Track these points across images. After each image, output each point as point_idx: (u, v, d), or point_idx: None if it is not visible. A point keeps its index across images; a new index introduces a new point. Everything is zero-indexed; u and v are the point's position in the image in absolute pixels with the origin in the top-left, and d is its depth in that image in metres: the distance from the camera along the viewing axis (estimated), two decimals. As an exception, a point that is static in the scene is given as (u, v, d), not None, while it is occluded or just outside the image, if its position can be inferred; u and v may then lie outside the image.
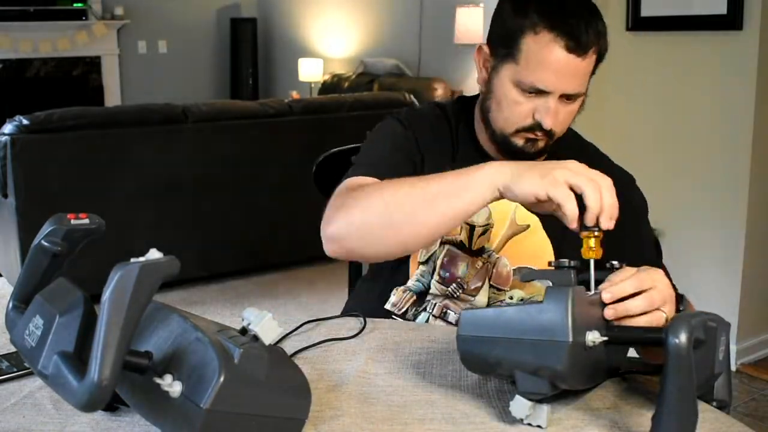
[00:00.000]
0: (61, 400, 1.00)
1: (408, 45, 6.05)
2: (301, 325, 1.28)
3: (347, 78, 6.10)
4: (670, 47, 3.08)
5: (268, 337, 0.84)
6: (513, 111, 1.26)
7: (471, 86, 5.47)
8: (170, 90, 7.17)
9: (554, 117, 1.24)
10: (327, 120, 3.93)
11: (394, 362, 1.15)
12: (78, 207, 1.10)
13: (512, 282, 1.33)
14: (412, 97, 4.44)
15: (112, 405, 0.97)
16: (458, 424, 0.97)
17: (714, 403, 1.01)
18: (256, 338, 0.84)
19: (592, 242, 1.00)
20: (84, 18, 7.07)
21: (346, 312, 1.39)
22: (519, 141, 1.29)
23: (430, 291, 1.35)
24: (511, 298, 1.34)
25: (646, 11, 3.11)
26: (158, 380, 0.78)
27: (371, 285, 1.44)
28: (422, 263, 1.35)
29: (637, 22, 3.14)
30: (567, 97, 1.25)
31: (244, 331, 0.85)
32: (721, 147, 2.95)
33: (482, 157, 1.33)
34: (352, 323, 1.28)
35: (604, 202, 0.99)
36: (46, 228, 0.96)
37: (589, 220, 0.99)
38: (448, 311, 1.34)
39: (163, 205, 3.78)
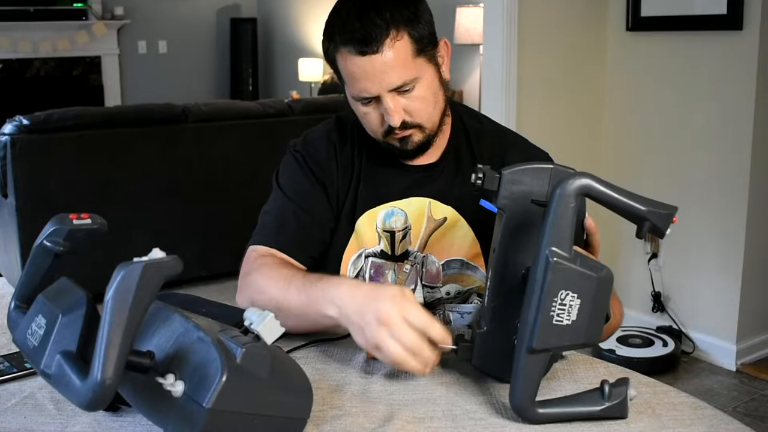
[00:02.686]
0: (62, 400, 1.00)
1: (408, 45, 6.04)
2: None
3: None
4: (670, 47, 3.08)
5: (270, 336, 0.84)
6: (368, 123, 1.30)
7: (471, 86, 5.47)
8: (170, 90, 7.16)
9: (397, 113, 1.25)
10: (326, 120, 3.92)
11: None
12: (78, 207, 1.10)
13: (444, 277, 1.35)
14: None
15: (114, 405, 0.97)
16: (458, 420, 0.97)
17: None
18: (258, 338, 0.84)
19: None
20: (84, 18, 7.06)
21: None
22: (394, 142, 1.31)
23: None
24: (448, 293, 1.35)
25: (646, 11, 3.11)
26: (160, 380, 0.79)
27: None
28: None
29: (637, 22, 3.14)
30: (398, 91, 1.25)
31: (246, 330, 0.85)
32: (721, 147, 2.95)
33: (388, 158, 1.36)
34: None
35: (404, 341, 1.00)
36: (49, 228, 0.96)
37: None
38: None
39: (163, 205, 3.78)
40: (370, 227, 1.35)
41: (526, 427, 0.95)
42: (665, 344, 3.02)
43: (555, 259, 0.89)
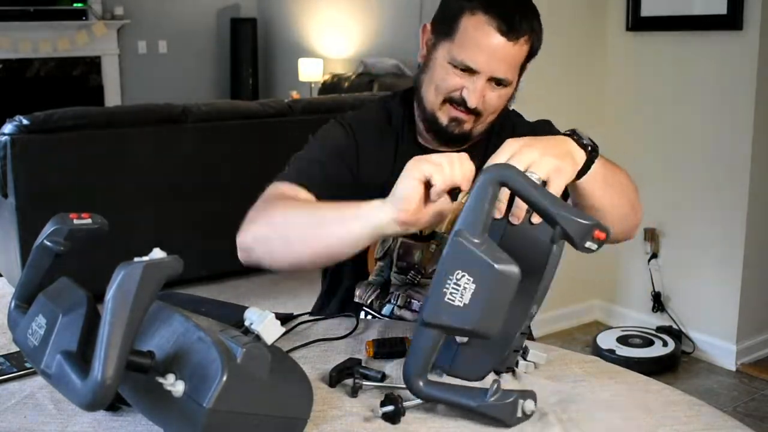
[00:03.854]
0: (62, 400, 1.00)
1: (408, 45, 6.04)
2: (297, 325, 1.29)
3: (347, 78, 6.09)
4: (670, 47, 3.08)
5: (270, 336, 0.84)
6: (443, 81, 1.31)
7: (471, 86, 5.47)
8: (170, 90, 7.16)
9: (479, 97, 1.28)
10: (327, 120, 3.91)
11: (393, 361, 1.15)
12: (78, 207, 1.10)
13: None
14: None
15: (114, 405, 0.97)
16: (459, 420, 0.97)
17: None
18: (258, 338, 0.84)
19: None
20: (84, 18, 7.06)
21: (317, 311, 1.46)
22: (444, 119, 1.33)
23: (392, 282, 1.40)
24: None
25: (646, 11, 3.11)
26: (161, 380, 0.79)
27: (336, 282, 1.48)
28: (379, 259, 1.40)
29: (637, 22, 3.14)
30: (496, 82, 1.30)
31: (246, 330, 0.85)
32: (721, 147, 2.96)
33: (422, 151, 1.35)
34: (349, 323, 1.29)
35: (454, 174, 1.03)
36: (49, 228, 0.96)
37: (434, 194, 1.04)
38: (412, 300, 1.39)
39: (163, 205, 3.78)
40: None
41: (528, 427, 0.95)
42: (665, 344, 3.02)
43: (459, 238, 0.91)
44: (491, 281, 0.89)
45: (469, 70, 1.28)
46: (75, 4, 7.06)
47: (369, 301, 1.42)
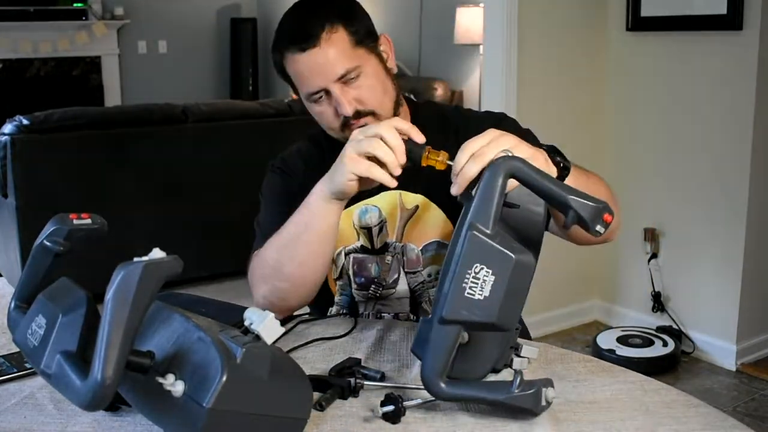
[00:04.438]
0: (62, 400, 1.00)
1: (408, 45, 6.05)
2: (296, 325, 1.29)
3: (347, 78, 6.09)
4: (670, 47, 3.08)
5: (270, 336, 0.84)
6: (325, 120, 1.36)
7: (471, 86, 5.47)
8: (170, 90, 7.16)
9: (349, 103, 1.31)
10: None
11: (393, 361, 1.15)
12: (78, 207, 1.10)
13: (424, 261, 1.41)
14: (412, 96, 4.44)
15: (114, 405, 0.97)
16: (459, 419, 0.97)
17: None
18: (258, 338, 0.84)
19: (433, 157, 1.12)
20: (84, 18, 7.06)
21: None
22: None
23: (356, 299, 1.43)
24: (430, 275, 1.41)
25: (646, 11, 3.11)
26: (161, 380, 0.79)
27: (314, 308, 1.52)
28: (337, 279, 1.43)
29: (637, 22, 3.14)
30: (344, 81, 1.31)
31: (246, 330, 0.85)
32: (721, 147, 2.96)
33: None
34: (348, 323, 1.29)
35: (392, 144, 1.12)
36: (49, 228, 0.96)
37: (392, 168, 1.12)
38: (382, 314, 1.42)
39: (163, 205, 3.78)
40: (348, 226, 1.41)
41: (526, 426, 0.95)
42: (665, 344, 3.02)
43: (473, 231, 0.91)
44: (510, 272, 0.90)
45: (319, 94, 1.32)
46: (75, 4, 7.06)
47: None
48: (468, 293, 0.91)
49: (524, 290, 0.92)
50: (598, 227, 0.93)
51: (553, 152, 1.18)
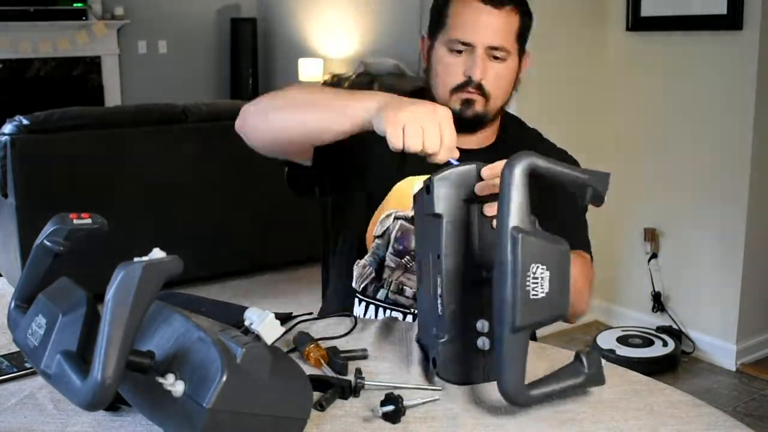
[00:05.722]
0: (62, 400, 1.00)
1: (408, 45, 6.04)
2: (296, 324, 1.29)
3: (347, 78, 6.09)
4: (670, 47, 3.08)
5: (270, 336, 0.84)
6: (447, 71, 1.38)
7: (471, 86, 5.46)
8: (170, 90, 7.15)
9: (482, 69, 1.35)
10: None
11: (393, 361, 1.15)
12: (78, 207, 1.10)
13: None
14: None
15: (114, 405, 0.97)
16: (459, 419, 0.97)
17: None
18: (258, 338, 0.84)
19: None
20: (84, 18, 7.06)
21: (324, 301, 1.53)
22: (456, 105, 1.38)
23: (386, 264, 1.42)
24: None
25: (646, 11, 3.11)
26: (161, 380, 0.79)
27: (339, 264, 1.52)
28: (377, 237, 1.43)
29: (637, 22, 3.14)
30: (494, 56, 1.36)
31: (246, 330, 0.85)
32: (721, 147, 2.95)
33: None
34: (347, 323, 1.29)
35: (443, 137, 1.12)
36: (49, 227, 0.96)
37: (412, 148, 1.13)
38: (404, 287, 1.41)
39: (163, 205, 3.78)
40: (409, 192, 1.38)
41: (527, 426, 0.95)
42: (665, 344, 3.02)
43: (522, 234, 0.92)
44: (558, 262, 0.94)
45: (466, 47, 1.35)
46: (75, 4, 7.05)
47: (363, 286, 1.44)
48: (533, 295, 0.93)
49: (569, 274, 0.96)
50: (605, 196, 0.98)
51: None
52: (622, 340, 3.06)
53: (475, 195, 1.04)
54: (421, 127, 1.11)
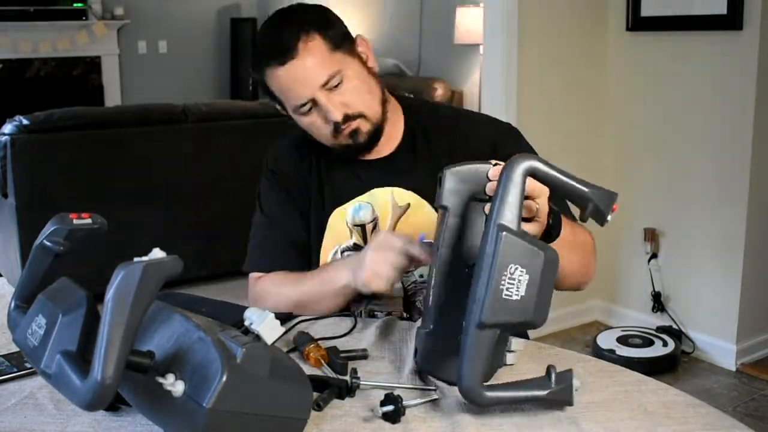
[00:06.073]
0: (62, 400, 1.00)
1: (408, 45, 6.05)
2: (295, 325, 1.29)
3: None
4: (670, 47, 3.08)
5: (270, 336, 0.84)
6: (316, 131, 1.38)
7: (471, 86, 5.47)
8: (170, 90, 7.16)
9: (337, 108, 1.33)
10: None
11: (392, 360, 1.15)
12: (78, 207, 1.10)
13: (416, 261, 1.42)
14: (407, 95, 4.45)
15: (114, 405, 0.97)
16: (458, 418, 0.97)
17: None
18: (258, 338, 0.84)
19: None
20: (84, 18, 7.06)
21: None
22: (344, 141, 1.38)
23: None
24: (421, 276, 1.41)
25: (646, 11, 3.11)
26: (161, 380, 0.79)
27: None
28: None
29: (637, 22, 3.14)
30: (328, 88, 1.32)
31: (246, 331, 0.85)
32: (721, 147, 2.95)
33: (345, 160, 1.44)
34: (347, 323, 1.29)
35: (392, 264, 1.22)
36: (49, 227, 0.96)
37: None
38: (375, 312, 1.42)
39: (163, 205, 3.78)
40: (342, 223, 1.43)
41: (525, 426, 0.95)
42: (665, 344, 3.02)
43: (505, 233, 0.91)
44: (541, 269, 0.92)
45: (307, 105, 1.33)
46: (75, 4, 7.06)
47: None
48: (506, 295, 0.91)
49: (552, 285, 0.94)
50: (609, 217, 0.96)
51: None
52: (622, 340, 3.06)
53: (485, 194, 1.04)
54: (382, 267, 1.21)
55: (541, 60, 3.08)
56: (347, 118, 1.34)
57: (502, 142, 1.39)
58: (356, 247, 1.41)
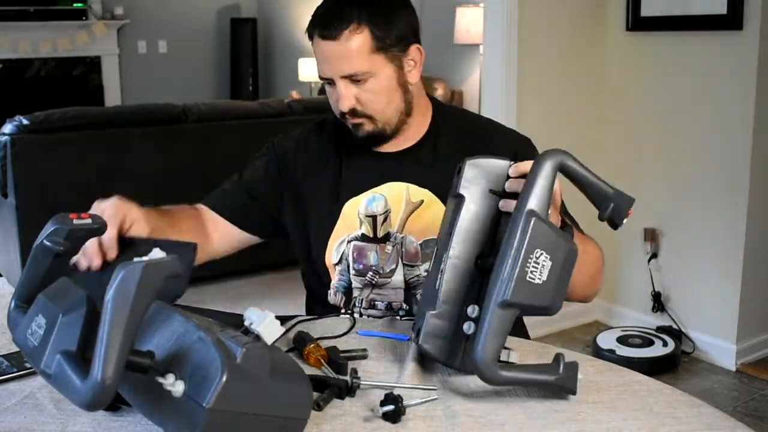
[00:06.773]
0: (62, 400, 1.00)
1: (408, 45, 6.03)
2: (295, 324, 1.29)
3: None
4: (670, 47, 3.08)
5: (270, 336, 0.84)
6: (331, 102, 1.43)
7: (471, 86, 5.46)
8: (170, 90, 7.16)
9: (348, 100, 1.36)
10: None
11: (392, 360, 1.15)
12: (78, 207, 1.10)
13: (423, 256, 1.42)
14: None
15: (114, 405, 0.97)
16: (458, 418, 0.97)
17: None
18: (258, 338, 0.84)
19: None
20: (84, 18, 7.06)
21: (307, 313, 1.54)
22: (350, 127, 1.42)
23: (353, 285, 1.44)
24: (427, 270, 1.40)
25: (646, 11, 3.11)
26: (161, 380, 0.79)
27: (312, 290, 1.57)
28: (336, 264, 1.45)
29: (637, 22, 3.14)
30: (352, 80, 1.35)
31: (246, 331, 0.85)
32: (721, 147, 2.95)
33: (365, 147, 1.45)
34: (347, 323, 1.29)
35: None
36: (49, 227, 0.96)
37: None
38: (376, 302, 1.43)
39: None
40: (354, 214, 1.44)
41: (526, 426, 0.95)
42: (665, 344, 3.02)
43: (535, 218, 0.95)
44: (564, 258, 0.97)
45: (329, 81, 1.38)
46: (75, 4, 7.05)
47: (341, 305, 1.46)
48: (530, 277, 0.95)
49: (570, 276, 0.99)
50: (625, 220, 1.02)
51: (563, 212, 1.24)
52: (622, 340, 3.06)
53: (503, 190, 1.08)
54: None
55: (541, 60, 3.08)
56: (354, 113, 1.37)
57: (523, 153, 1.39)
58: (364, 238, 1.42)
